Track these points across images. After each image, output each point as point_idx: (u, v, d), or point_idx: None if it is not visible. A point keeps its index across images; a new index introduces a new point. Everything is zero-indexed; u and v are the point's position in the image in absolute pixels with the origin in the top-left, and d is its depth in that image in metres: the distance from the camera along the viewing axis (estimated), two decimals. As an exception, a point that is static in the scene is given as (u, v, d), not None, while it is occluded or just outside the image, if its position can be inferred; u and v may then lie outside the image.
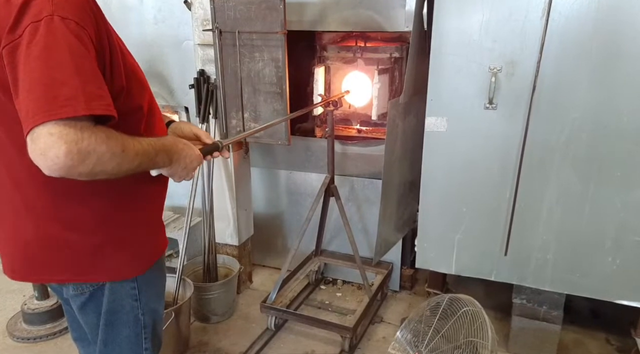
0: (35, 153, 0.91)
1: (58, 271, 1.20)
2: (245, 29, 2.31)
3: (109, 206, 1.19)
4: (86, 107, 0.93)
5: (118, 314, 1.28)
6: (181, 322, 2.32)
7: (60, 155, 0.90)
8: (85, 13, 0.99)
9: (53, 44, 0.92)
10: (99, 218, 1.18)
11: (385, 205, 2.05)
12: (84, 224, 1.17)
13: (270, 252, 3.10)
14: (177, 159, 1.19)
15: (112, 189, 1.15)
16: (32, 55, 0.91)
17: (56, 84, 0.91)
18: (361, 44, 2.68)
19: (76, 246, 1.17)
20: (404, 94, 1.93)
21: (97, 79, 0.98)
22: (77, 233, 1.16)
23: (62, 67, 0.92)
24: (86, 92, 0.94)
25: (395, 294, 2.90)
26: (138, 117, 1.18)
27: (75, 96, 0.92)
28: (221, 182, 2.66)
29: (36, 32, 0.92)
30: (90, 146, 0.93)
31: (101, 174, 0.99)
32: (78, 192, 1.13)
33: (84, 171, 0.95)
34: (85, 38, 0.97)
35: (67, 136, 0.90)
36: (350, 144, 2.76)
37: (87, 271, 1.20)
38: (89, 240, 1.18)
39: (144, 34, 2.84)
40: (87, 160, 0.94)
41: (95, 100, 0.95)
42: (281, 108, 2.38)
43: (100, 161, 0.96)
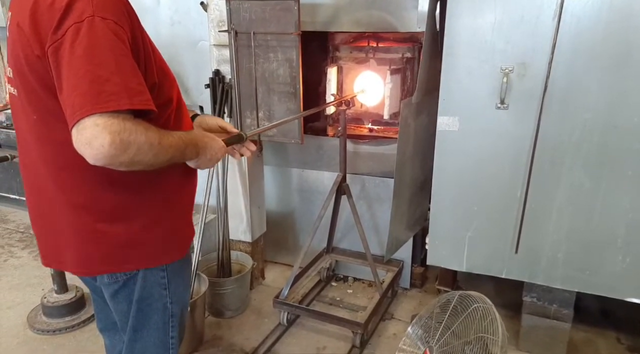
0: (80, 142, 0.97)
1: (101, 263, 1.26)
2: (260, 30, 2.35)
3: (143, 197, 1.25)
4: (129, 102, 1.00)
5: (148, 301, 1.34)
6: (196, 317, 2.37)
7: (105, 144, 0.96)
8: (122, 13, 1.06)
9: (96, 43, 0.99)
10: (134, 209, 1.24)
11: (397, 204, 2.09)
12: (121, 216, 1.23)
13: (282, 249, 3.14)
14: (204, 152, 1.26)
15: (146, 180, 1.21)
16: (76, 54, 0.98)
17: (101, 80, 0.98)
18: (373, 45, 2.71)
19: (112, 237, 1.23)
20: (417, 94, 1.96)
21: (137, 75, 1.05)
22: (113, 224, 1.22)
23: (105, 65, 0.99)
24: (128, 88, 1.01)
25: (406, 291, 2.93)
26: (169, 111, 1.24)
27: (119, 92, 0.99)
28: (235, 180, 2.71)
29: (79, 32, 0.99)
30: (131, 136, 1.00)
31: (139, 164, 1.06)
32: (113, 185, 1.19)
33: (125, 160, 1.01)
34: (124, 37, 1.04)
35: (112, 127, 0.97)
36: (361, 143, 2.80)
37: (122, 260, 1.26)
38: (124, 230, 1.23)
39: (161, 35, 2.90)
40: (128, 150, 1.00)
41: (137, 95, 1.02)
42: (295, 107, 2.42)
43: (139, 152, 1.03)
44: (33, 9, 1.05)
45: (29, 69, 1.09)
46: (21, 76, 1.13)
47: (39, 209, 1.29)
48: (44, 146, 1.19)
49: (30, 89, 1.12)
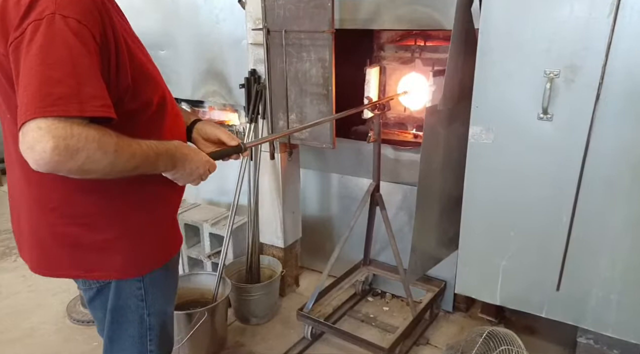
0: (23, 146, 0.93)
1: (70, 267, 1.22)
2: (293, 27, 2.24)
3: (119, 205, 1.20)
4: (79, 108, 0.94)
5: (123, 312, 1.29)
6: (217, 321, 2.33)
7: (47, 149, 0.90)
8: (88, 11, 0.99)
9: (52, 42, 0.94)
10: (108, 216, 1.19)
11: (421, 218, 1.87)
12: (94, 221, 1.18)
13: (319, 256, 3.02)
14: (182, 165, 1.18)
15: (123, 187, 1.16)
16: (31, 53, 0.93)
17: (51, 81, 0.92)
18: (420, 43, 2.49)
19: (86, 243, 1.19)
20: (444, 100, 1.73)
21: (95, 79, 0.98)
22: (87, 230, 1.18)
23: (59, 66, 0.93)
24: (81, 92, 0.94)
25: (448, 315, 2.68)
26: (146, 116, 1.18)
27: (70, 95, 0.93)
28: (268, 183, 2.64)
29: (37, 30, 0.94)
30: (79, 143, 0.93)
31: (92, 172, 1.00)
32: (86, 189, 1.14)
33: (72, 167, 0.95)
34: (87, 37, 0.98)
35: (56, 131, 0.91)
36: (403, 149, 2.59)
37: (95, 267, 1.22)
38: (98, 237, 1.19)
39: (207, 33, 2.90)
40: (75, 157, 0.93)
41: (90, 101, 0.95)
42: (327, 110, 2.28)
43: (90, 160, 0.96)
44: (2, 6, 1.02)
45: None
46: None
47: (15, 203, 1.28)
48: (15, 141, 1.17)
49: (2, 87, 1.10)
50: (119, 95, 1.08)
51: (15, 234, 1.32)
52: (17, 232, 1.31)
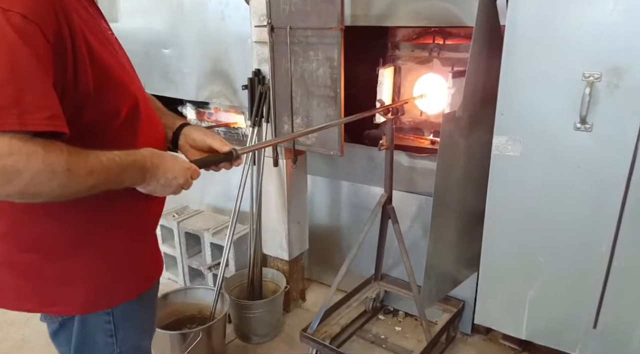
0: None
1: (24, 299, 1.08)
2: (299, 24, 2.06)
3: (79, 227, 1.04)
4: (18, 121, 0.78)
5: (89, 349, 1.14)
6: (214, 341, 2.17)
7: None
8: (38, 5, 0.83)
9: None
10: (67, 241, 1.04)
11: (437, 238, 1.67)
12: (50, 248, 1.03)
13: (328, 268, 2.83)
14: (154, 176, 1.01)
15: (83, 206, 0.99)
16: None
17: None
18: (439, 42, 2.27)
19: (40, 272, 1.04)
20: (464, 105, 1.51)
21: (40, 86, 0.81)
22: (42, 258, 1.03)
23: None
24: (22, 102, 0.78)
25: (466, 337, 2.46)
26: (113, 127, 1.01)
27: (6, 106, 0.77)
28: (272, 191, 2.46)
29: None
30: (19, 163, 0.77)
31: (39, 196, 0.84)
32: (41, 212, 0.99)
33: (12, 192, 0.79)
34: (34, 35, 0.81)
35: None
36: (419, 157, 2.38)
37: (54, 301, 1.07)
38: (56, 266, 1.04)
39: (211, 31, 2.75)
40: (15, 180, 0.78)
41: (32, 112, 0.79)
42: (334, 114, 2.09)
43: (34, 182, 0.80)
44: None
45: None
46: None
47: None
48: None
49: None
50: (78, 103, 0.92)
51: None
52: None
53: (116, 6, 3.07)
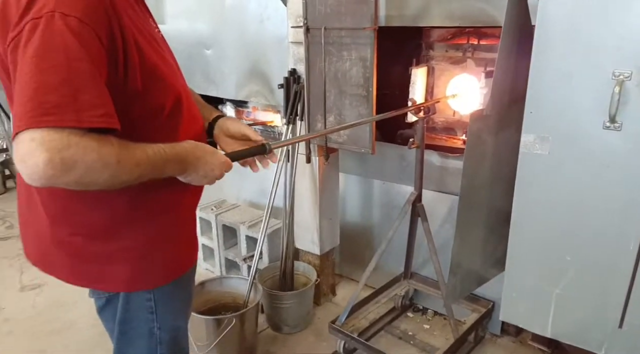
0: (16, 159, 0.86)
1: (76, 276, 1.17)
2: (334, 24, 2.12)
3: (125, 214, 1.13)
4: (75, 118, 0.86)
5: (132, 325, 1.23)
6: (246, 328, 2.26)
7: (40, 163, 0.83)
8: (92, 9, 0.91)
9: (48, 45, 0.86)
10: (113, 226, 1.12)
11: (463, 235, 1.69)
12: (98, 232, 1.12)
13: (358, 265, 2.87)
14: (194, 168, 1.09)
15: (129, 193, 1.08)
16: (27, 55, 0.86)
17: (46, 88, 0.85)
18: (474, 42, 2.28)
19: (89, 254, 1.14)
20: (492, 104, 1.53)
21: (95, 86, 0.90)
22: (90, 240, 1.13)
23: (54, 71, 0.85)
24: (78, 100, 0.86)
25: (495, 338, 2.45)
26: (158, 121, 1.10)
27: (65, 104, 0.85)
28: (305, 188, 2.53)
29: (34, 30, 0.87)
30: (76, 155, 0.86)
31: (92, 185, 0.92)
32: (91, 198, 1.08)
33: (69, 181, 0.88)
34: (89, 38, 0.90)
35: (50, 143, 0.83)
36: (452, 156, 2.39)
37: (100, 279, 1.16)
38: (103, 248, 1.13)
39: (251, 33, 2.85)
40: (72, 170, 0.86)
41: (88, 110, 0.87)
42: (366, 113, 2.14)
43: (89, 172, 0.88)
44: (3, 2, 0.96)
45: (1, 66, 1.02)
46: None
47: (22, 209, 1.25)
48: None
49: (6, 85, 1.05)
50: (127, 100, 1.00)
51: (23, 240, 1.28)
52: (24, 237, 1.27)
53: (163, 9, 3.23)
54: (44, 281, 2.96)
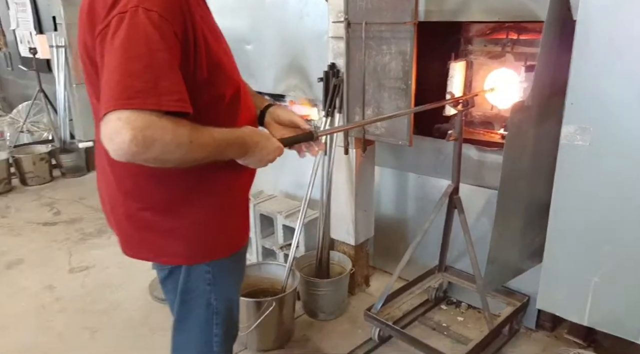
0: (104, 136, 0.96)
1: (145, 250, 1.29)
2: (374, 19, 2.18)
3: (187, 193, 1.23)
4: (156, 101, 0.96)
5: (192, 295, 1.33)
6: (284, 313, 2.34)
7: (126, 140, 0.93)
8: (170, 6, 1.01)
9: (133, 36, 0.96)
10: (176, 204, 1.22)
11: (501, 225, 1.72)
12: (162, 208, 1.23)
13: (392, 258, 2.91)
14: (252, 152, 1.18)
15: (191, 174, 1.18)
16: (114, 46, 0.97)
17: (131, 75, 0.95)
18: (513, 37, 2.30)
19: (158, 228, 1.24)
20: (532, 95, 1.56)
21: (172, 74, 1.00)
22: (155, 216, 1.23)
23: (139, 60, 0.96)
24: (158, 86, 0.97)
25: (530, 332, 2.46)
26: (219, 108, 1.19)
27: (148, 89, 0.95)
28: (342, 179, 2.60)
29: (121, 23, 0.97)
30: (156, 134, 0.96)
31: (167, 162, 1.02)
32: (158, 177, 1.18)
33: (148, 157, 0.98)
34: (167, 31, 1.00)
35: (135, 123, 0.93)
36: (489, 150, 2.41)
37: (167, 252, 1.27)
38: (166, 223, 1.23)
39: (291, 28, 2.93)
40: (152, 148, 0.96)
41: (166, 95, 0.98)
42: (405, 106, 2.19)
43: (165, 150, 0.98)
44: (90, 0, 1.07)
45: (87, 55, 1.14)
46: (83, 61, 1.18)
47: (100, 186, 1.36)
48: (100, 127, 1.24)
49: (88, 72, 1.17)
50: (195, 88, 1.09)
51: (104, 212, 1.41)
52: (104, 210, 1.40)
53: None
54: (92, 263, 3.13)
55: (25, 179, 4.39)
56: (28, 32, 5.50)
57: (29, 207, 4.01)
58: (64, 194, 4.25)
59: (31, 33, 5.42)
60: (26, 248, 3.32)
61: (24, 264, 3.13)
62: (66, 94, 4.62)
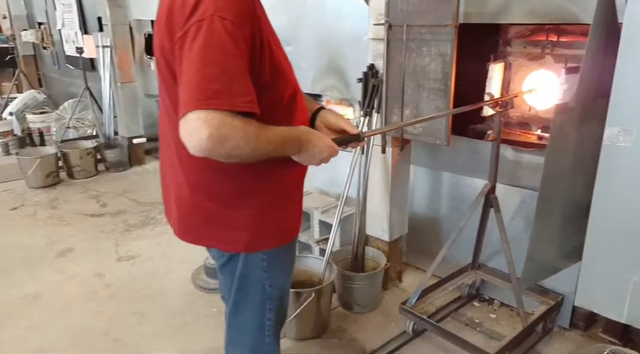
0: (183, 133, 1.08)
1: (206, 237, 1.40)
2: (415, 22, 2.24)
3: (249, 187, 1.33)
4: (230, 102, 1.07)
5: (248, 281, 1.44)
6: (322, 304, 2.43)
7: (204, 137, 1.04)
8: (242, 14, 1.12)
9: (210, 43, 1.07)
10: (239, 197, 1.33)
11: (541, 224, 1.76)
12: (227, 201, 1.33)
13: (424, 256, 2.98)
14: (306, 149, 1.27)
15: (254, 168, 1.28)
16: (193, 51, 1.08)
17: (208, 78, 1.06)
18: (553, 39, 2.32)
19: (219, 218, 1.35)
20: (577, 97, 1.60)
21: (244, 77, 1.10)
22: (220, 207, 1.34)
23: (214, 64, 1.07)
24: (232, 89, 1.07)
25: (563, 331, 2.48)
26: (278, 108, 1.29)
27: (223, 92, 1.06)
28: (378, 176, 2.67)
29: (199, 30, 1.08)
30: (229, 132, 1.06)
31: (237, 157, 1.13)
32: (224, 171, 1.29)
33: (222, 153, 1.09)
34: (239, 38, 1.10)
35: (212, 122, 1.04)
36: (525, 151, 2.45)
37: (228, 240, 1.38)
38: (230, 214, 1.34)
39: (330, 29, 3.02)
40: (225, 144, 1.07)
41: (239, 97, 1.08)
42: (443, 106, 2.25)
43: (237, 146, 1.09)
44: (170, 6, 1.18)
45: (163, 58, 1.25)
46: (158, 62, 1.30)
47: (166, 178, 1.48)
48: (172, 125, 1.35)
49: (163, 75, 1.28)
50: (258, 91, 1.18)
51: (165, 203, 1.52)
52: (165, 201, 1.51)
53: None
54: (137, 253, 3.29)
55: (72, 173, 4.62)
56: (73, 32, 5.75)
57: (76, 199, 4.22)
58: (109, 188, 4.46)
59: (76, 33, 5.66)
60: (76, 238, 3.51)
61: (75, 253, 3.31)
62: (111, 92, 4.83)
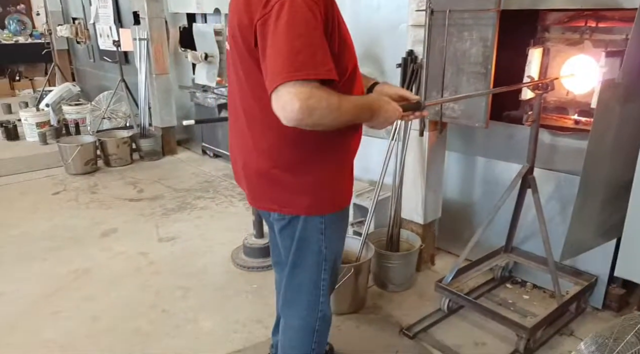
0: (277, 107, 1.19)
1: (270, 201, 1.52)
2: (457, 7, 2.32)
3: (314, 156, 1.45)
4: (315, 72, 1.18)
5: (306, 242, 1.55)
6: (359, 281, 2.52)
7: (295, 109, 1.16)
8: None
9: (294, 19, 1.18)
10: (305, 163, 1.45)
11: (582, 203, 1.82)
12: (292, 168, 1.45)
13: (457, 240, 3.04)
14: (378, 114, 1.38)
15: (318, 137, 1.38)
16: (279, 28, 1.19)
17: (295, 51, 1.17)
18: (592, 24, 2.38)
19: (283, 184, 1.46)
20: (623, 73, 1.66)
21: (324, 48, 1.22)
22: (285, 173, 1.45)
23: (299, 38, 1.18)
24: (315, 59, 1.19)
25: (596, 312, 2.54)
26: (342, 80, 1.39)
27: (308, 62, 1.18)
28: (414, 160, 2.75)
29: (282, 8, 1.19)
30: (316, 103, 1.18)
31: (321, 126, 1.24)
32: (290, 140, 1.40)
33: (309, 122, 1.20)
34: (317, 13, 1.21)
35: (301, 94, 1.16)
36: (562, 135, 2.50)
37: (290, 204, 1.49)
38: (294, 181, 1.46)
39: (367, 19, 3.11)
40: (313, 114, 1.18)
41: (322, 66, 1.20)
42: (484, 88, 2.32)
43: (322, 115, 1.20)
44: None
45: (240, 34, 1.35)
46: (234, 38, 1.40)
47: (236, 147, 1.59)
48: (243, 97, 1.46)
49: (239, 49, 1.39)
50: None
51: (234, 170, 1.64)
52: (235, 168, 1.63)
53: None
54: (177, 235, 3.42)
55: (109, 161, 4.79)
56: (108, 27, 5.93)
57: (114, 185, 4.38)
58: (144, 175, 4.61)
59: (111, 27, 5.84)
60: (118, 219, 3.65)
61: (118, 233, 3.45)
62: (146, 84, 4.98)
